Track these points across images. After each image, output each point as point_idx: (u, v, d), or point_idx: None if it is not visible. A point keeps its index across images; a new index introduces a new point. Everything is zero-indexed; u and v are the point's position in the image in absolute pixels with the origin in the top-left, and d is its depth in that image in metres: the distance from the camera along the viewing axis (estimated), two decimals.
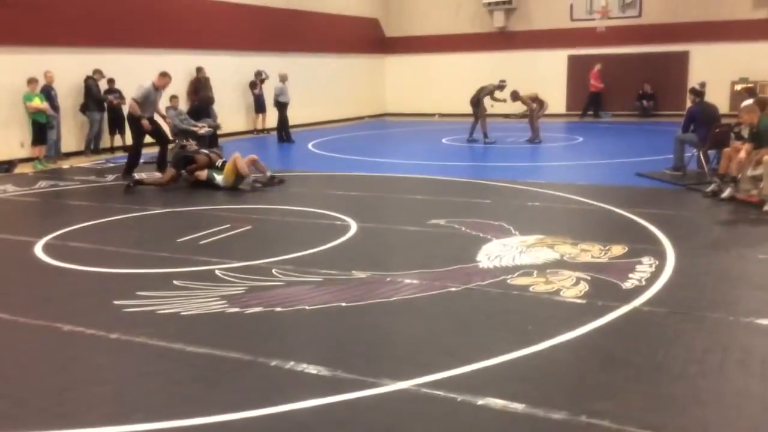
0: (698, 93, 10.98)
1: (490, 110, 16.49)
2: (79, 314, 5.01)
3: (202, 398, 3.67)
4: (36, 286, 5.91)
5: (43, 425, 3.44)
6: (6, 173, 12.48)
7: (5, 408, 3.64)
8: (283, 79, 17.74)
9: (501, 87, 16.30)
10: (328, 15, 22.42)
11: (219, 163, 10.62)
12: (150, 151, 12.59)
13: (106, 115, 15.24)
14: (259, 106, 19.28)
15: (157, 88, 11.43)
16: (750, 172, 8.33)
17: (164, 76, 11.46)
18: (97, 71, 14.88)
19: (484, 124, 15.92)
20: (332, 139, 18.16)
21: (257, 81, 19.11)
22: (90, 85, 14.76)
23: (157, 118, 11.85)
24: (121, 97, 15.22)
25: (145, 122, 11.25)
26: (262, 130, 19.43)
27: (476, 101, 16.05)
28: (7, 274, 6.30)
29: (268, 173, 10.55)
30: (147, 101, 11.31)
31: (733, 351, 4.14)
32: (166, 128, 12.49)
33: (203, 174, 10.51)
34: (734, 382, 3.77)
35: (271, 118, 19.00)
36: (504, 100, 16.10)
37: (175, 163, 10.80)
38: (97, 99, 14.85)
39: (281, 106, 17.61)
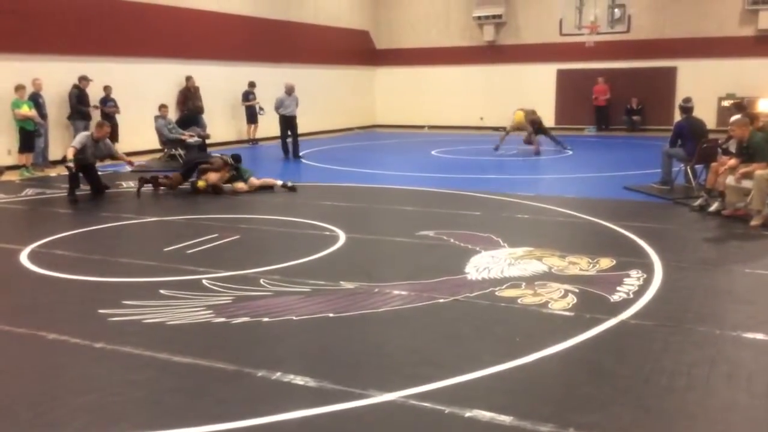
0: (685, 109, 11.06)
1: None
2: (64, 323, 4.96)
3: (186, 409, 3.63)
4: (21, 294, 5.85)
5: None
6: None
7: None
8: (289, 90, 16.45)
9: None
10: (319, 27, 22.49)
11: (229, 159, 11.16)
12: (138, 160, 12.49)
13: (91, 123, 14.85)
14: (251, 117, 19.23)
15: (97, 140, 10.62)
16: (730, 182, 8.39)
17: (102, 126, 10.81)
18: (83, 78, 14.47)
19: (504, 138, 16.81)
20: (322, 150, 18.14)
21: (251, 91, 19.06)
22: (71, 93, 14.35)
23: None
24: (116, 106, 15.14)
25: (69, 165, 10.30)
26: (249, 140, 19.32)
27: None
28: None
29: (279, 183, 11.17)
30: (85, 149, 10.48)
31: (720, 364, 4.15)
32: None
33: (214, 177, 10.70)
34: (721, 396, 3.77)
35: (262, 128, 18.99)
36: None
37: (185, 170, 11.09)
38: (77, 108, 14.37)
39: (280, 119, 16.46)
